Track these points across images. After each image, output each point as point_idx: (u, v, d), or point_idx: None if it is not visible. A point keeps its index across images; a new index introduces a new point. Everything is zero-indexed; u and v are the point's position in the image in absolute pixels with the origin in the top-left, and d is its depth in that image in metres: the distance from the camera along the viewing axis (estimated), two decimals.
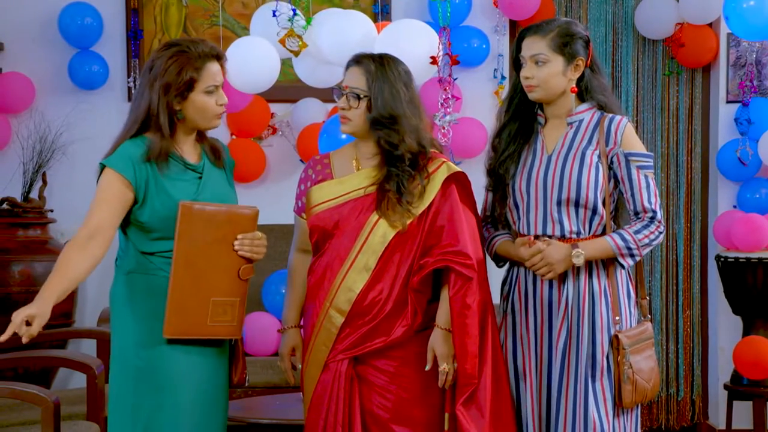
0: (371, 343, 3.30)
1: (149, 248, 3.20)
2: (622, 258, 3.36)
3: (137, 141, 3.18)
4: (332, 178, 3.42)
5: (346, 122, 3.39)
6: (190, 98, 3.19)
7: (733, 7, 5.18)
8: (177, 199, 3.15)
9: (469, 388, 3.27)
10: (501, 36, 5.95)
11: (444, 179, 3.33)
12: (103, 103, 5.88)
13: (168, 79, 3.15)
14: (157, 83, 3.16)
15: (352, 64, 3.42)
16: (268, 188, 5.88)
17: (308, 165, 3.50)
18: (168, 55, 3.17)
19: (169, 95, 3.16)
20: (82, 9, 5.78)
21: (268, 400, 4.58)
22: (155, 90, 3.16)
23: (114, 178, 3.14)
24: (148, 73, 3.19)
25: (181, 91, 3.17)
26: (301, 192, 3.48)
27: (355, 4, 5.71)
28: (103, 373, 4.30)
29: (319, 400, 3.33)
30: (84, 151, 5.81)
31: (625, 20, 6.10)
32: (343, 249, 3.32)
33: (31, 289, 5.39)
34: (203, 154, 3.31)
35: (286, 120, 5.93)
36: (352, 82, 3.38)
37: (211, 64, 3.21)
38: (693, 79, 6.12)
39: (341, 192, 3.36)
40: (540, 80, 3.40)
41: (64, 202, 5.80)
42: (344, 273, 3.31)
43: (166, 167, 3.18)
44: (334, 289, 3.31)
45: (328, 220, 3.35)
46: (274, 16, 4.59)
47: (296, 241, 3.52)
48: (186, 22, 5.92)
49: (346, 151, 3.49)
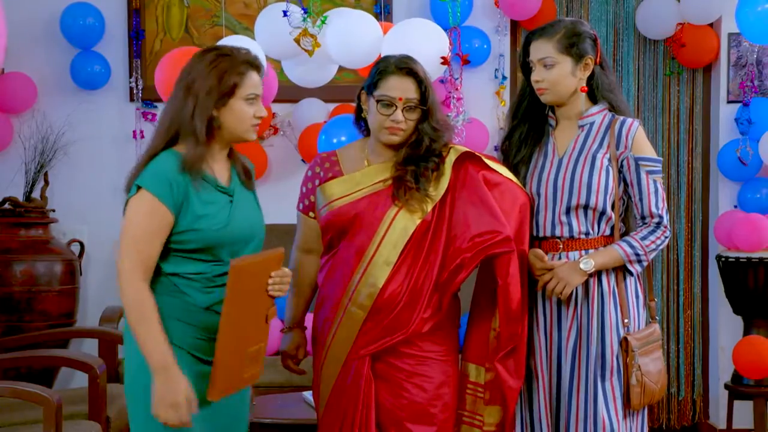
0: (392, 337, 3.28)
1: (171, 269, 2.99)
2: (631, 265, 3.37)
3: (169, 155, 2.97)
4: (342, 175, 3.38)
5: (399, 133, 3.29)
6: (230, 105, 3.01)
7: (745, 11, 5.15)
8: (205, 227, 2.97)
9: (506, 345, 3.29)
10: (502, 36, 5.94)
11: (453, 163, 3.33)
12: (104, 103, 5.89)
13: (210, 83, 2.96)
14: (197, 86, 2.96)
15: (396, 72, 3.30)
16: (269, 188, 5.86)
17: (314, 163, 3.45)
18: (210, 59, 3.01)
19: (209, 100, 2.96)
20: (83, 9, 5.78)
21: (271, 399, 4.58)
22: (193, 94, 2.96)
23: (156, 206, 2.90)
24: (185, 77, 3.01)
25: (222, 95, 2.98)
26: (308, 190, 3.43)
27: (356, 4, 5.71)
28: (105, 373, 4.29)
29: (338, 399, 3.31)
30: (86, 151, 5.84)
31: (626, 20, 6.11)
32: (361, 245, 3.29)
33: (33, 288, 5.39)
34: (233, 174, 3.14)
35: (288, 120, 5.93)
36: (407, 93, 3.28)
37: (253, 73, 3.06)
38: (694, 79, 6.12)
39: (357, 187, 3.33)
40: (550, 82, 3.40)
41: (65, 202, 5.82)
42: (363, 269, 3.28)
43: (199, 184, 2.97)
44: (353, 285, 3.29)
45: (345, 217, 3.31)
46: (285, 16, 4.58)
47: (300, 240, 3.49)
48: (188, 22, 5.92)
49: (355, 148, 3.45)
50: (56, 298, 5.46)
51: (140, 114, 5.89)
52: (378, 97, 3.30)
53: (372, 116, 3.34)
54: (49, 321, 5.42)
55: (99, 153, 5.90)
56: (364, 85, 3.40)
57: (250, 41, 4.71)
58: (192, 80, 2.98)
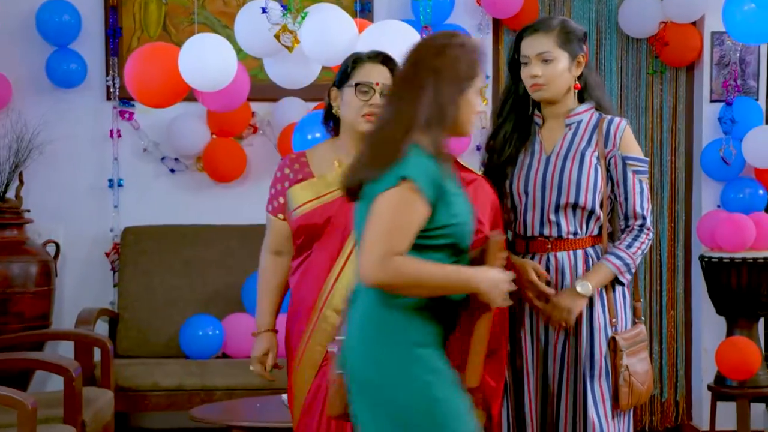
0: None
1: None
2: (622, 276, 3.36)
3: (418, 147, 2.78)
4: (313, 176, 3.36)
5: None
6: (465, 96, 2.85)
7: (732, 10, 5.14)
8: (457, 221, 2.82)
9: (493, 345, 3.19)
10: (484, 35, 5.93)
11: None
12: (81, 102, 5.85)
13: (466, 72, 2.82)
14: (450, 75, 2.79)
15: (372, 60, 3.34)
16: (248, 188, 5.84)
17: (283, 164, 3.43)
18: (460, 42, 2.85)
19: (458, 89, 2.82)
20: (60, 6, 5.74)
21: (249, 402, 4.56)
22: (447, 81, 2.79)
23: (419, 200, 2.71)
24: (433, 59, 2.80)
25: (465, 86, 2.83)
26: (277, 192, 3.41)
27: (336, 2, 5.67)
28: (81, 376, 4.26)
29: (313, 402, 3.29)
30: (62, 151, 5.79)
31: (608, 18, 6.10)
32: (335, 247, 3.28)
33: (7, 290, 5.35)
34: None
35: (267, 119, 5.91)
36: (384, 79, 3.30)
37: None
38: (677, 77, 6.11)
39: (328, 189, 3.31)
40: (548, 78, 3.35)
41: (41, 202, 5.76)
42: (338, 271, 3.27)
43: (448, 171, 2.82)
44: (328, 288, 3.27)
45: (318, 220, 3.29)
46: (264, 12, 4.55)
47: (269, 242, 3.46)
48: (165, 19, 5.89)
49: (324, 149, 3.43)
50: (31, 300, 5.42)
51: (117, 113, 5.86)
52: (355, 83, 3.31)
53: (347, 107, 3.34)
54: (24, 323, 5.38)
55: (75, 152, 5.87)
56: (335, 81, 3.41)
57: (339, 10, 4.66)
58: (444, 68, 2.82)
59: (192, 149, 5.84)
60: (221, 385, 5.25)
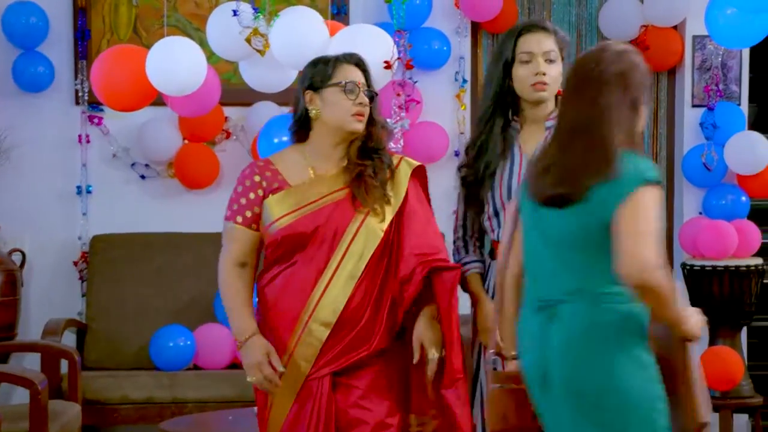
0: (356, 353, 3.22)
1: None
2: None
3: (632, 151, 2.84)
4: (288, 185, 3.29)
5: (363, 120, 3.31)
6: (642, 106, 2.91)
7: (714, 14, 5.11)
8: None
9: (455, 375, 3.25)
10: (462, 38, 5.90)
11: (410, 174, 3.33)
12: (49, 106, 5.80)
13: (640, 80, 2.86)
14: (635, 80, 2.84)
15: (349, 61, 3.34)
16: (221, 194, 5.71)
17: (252, 172, 3.32)
18: (634, 50, 2.90)
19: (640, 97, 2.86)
20: (26, 8, 5.68)
21: (221, 415, 4.53)
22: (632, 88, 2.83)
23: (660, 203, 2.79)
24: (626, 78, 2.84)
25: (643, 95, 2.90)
26: (249, 202, 3.29)
27: (311, 4, 5.62)
28: (47, 389, 4.23)
29: (297, 419, 3.22)
30: (28, 156, 5.74)
31: (589, 22, 6.10)
32: (321, 259, 3.22)
33: None
34: None
35: (241, 124, 5.87)
36: (360, 80, 3.33)
37: None
38: (658, 82, 6.11)
39: (308, 200, 3.25)
40: (551, 78, 3.40)
41: (6, 209, 5.70)
42: (326, 283, 3.21)
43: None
44: (314, 301, 3.21)
45: (305, 228, 3.22)
46: (235, 15, 4.48)
47: (233, 253, 3.31)
48: (136, 22, 5.84)
49: (292, 156, 3.36)
50: None
51: (86, 117, 5.81)
52: (343, 82, 3.29)
53: (333, 107, 3.28)
54: None
55: (42, 158, 5.82)
56: (307, 84, 3.34)
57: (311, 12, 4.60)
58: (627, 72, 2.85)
59: (163, 155, 5.79)
60: (192, 397, 5.19)
